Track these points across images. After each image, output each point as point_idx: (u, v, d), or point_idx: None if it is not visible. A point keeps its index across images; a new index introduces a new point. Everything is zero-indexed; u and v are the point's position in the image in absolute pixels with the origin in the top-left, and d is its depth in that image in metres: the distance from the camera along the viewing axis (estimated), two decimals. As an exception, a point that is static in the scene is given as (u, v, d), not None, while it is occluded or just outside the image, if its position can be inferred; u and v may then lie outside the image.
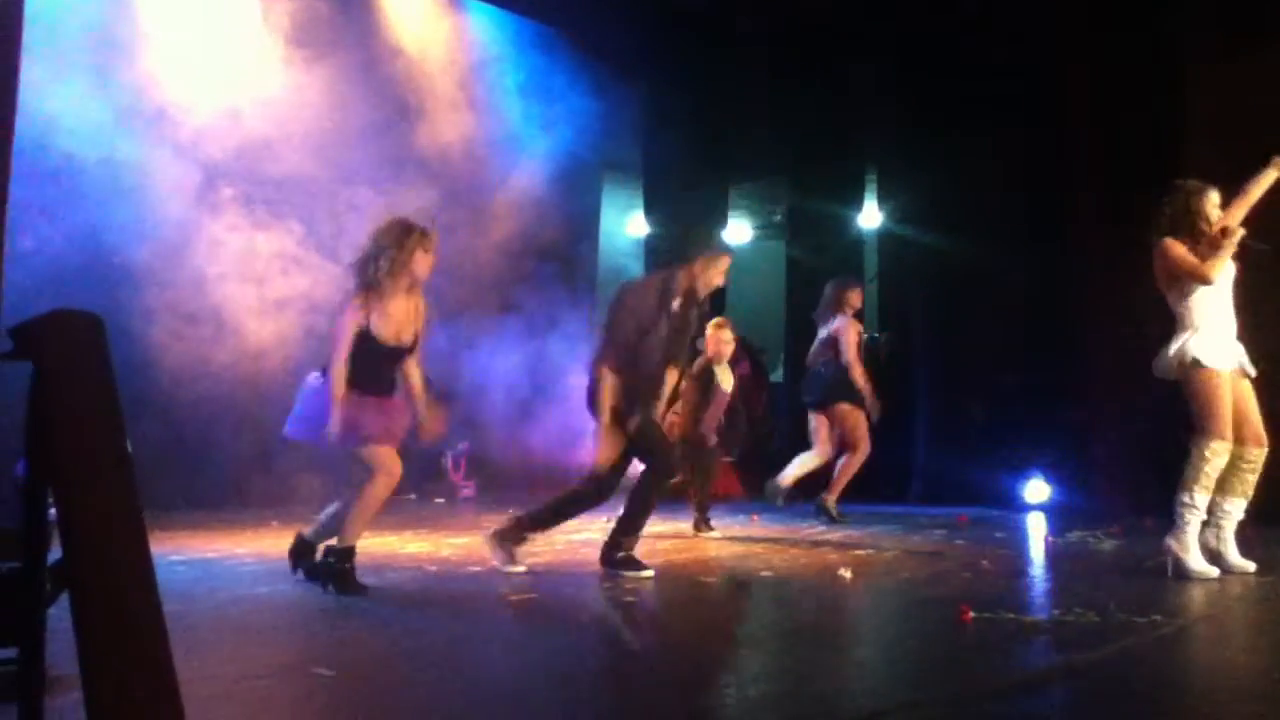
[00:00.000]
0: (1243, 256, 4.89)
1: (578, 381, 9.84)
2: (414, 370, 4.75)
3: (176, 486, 7.14)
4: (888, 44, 9.43)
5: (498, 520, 5.46)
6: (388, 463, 4.57)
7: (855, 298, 7.58)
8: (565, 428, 9.54)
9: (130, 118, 7.14)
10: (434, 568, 5.18)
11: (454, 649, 3.62)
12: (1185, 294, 4.87)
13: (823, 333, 7.55)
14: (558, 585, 4.80)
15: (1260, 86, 7.10)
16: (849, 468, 7.43)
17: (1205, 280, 4.81)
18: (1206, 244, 4.83)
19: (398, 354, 4.70)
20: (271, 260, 7.77)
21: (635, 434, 5.09)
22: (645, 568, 5.01)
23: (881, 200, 10.04)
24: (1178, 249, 4.88)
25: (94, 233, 6.93)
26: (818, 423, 7.49)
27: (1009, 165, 8.67)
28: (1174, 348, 4.86)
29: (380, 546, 6.04)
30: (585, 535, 6.69)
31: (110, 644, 1.39)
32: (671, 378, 5.46)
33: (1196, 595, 4.49)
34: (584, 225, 10.64)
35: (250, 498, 7.77)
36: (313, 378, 4.67)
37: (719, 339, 6.95)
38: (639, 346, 5.10)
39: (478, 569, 5.20)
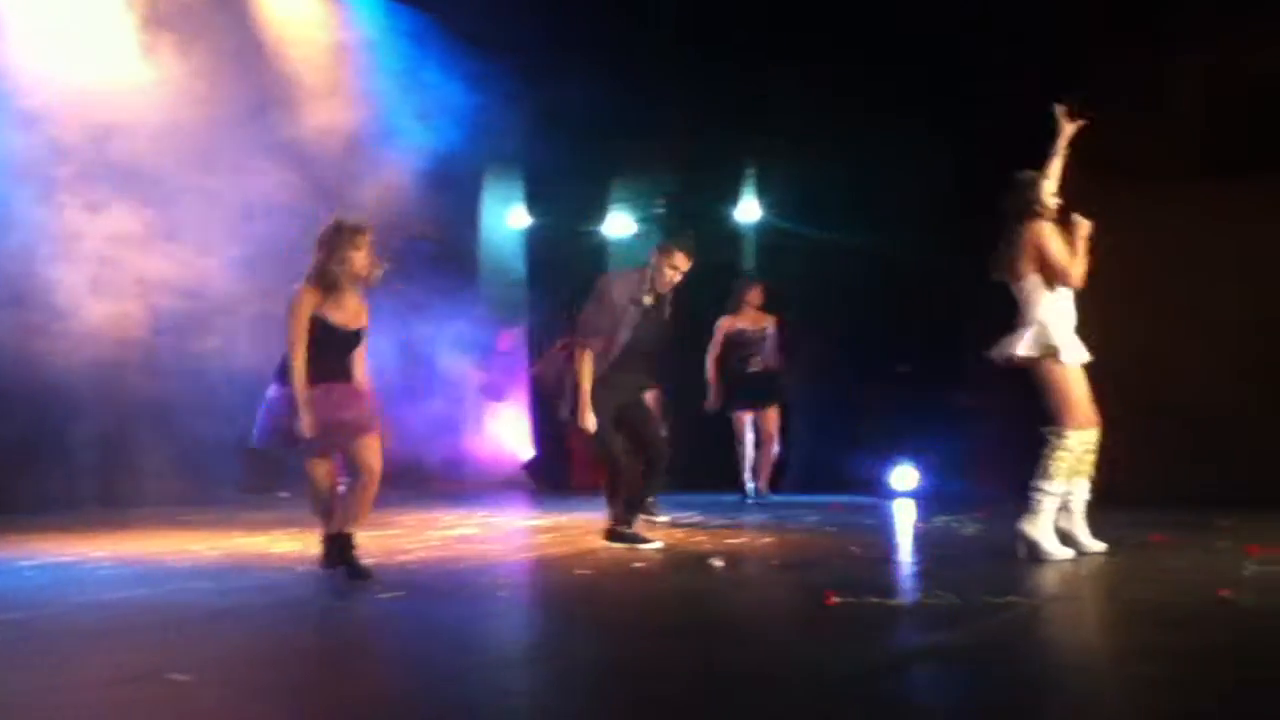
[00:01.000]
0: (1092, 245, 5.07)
1: (454, 371, 9.83)
2: (360, 363, 4.85)
3: (27, 486, 6.83)
4: (770, 39, 9.55)
5: (371, 518, 5.37)
6: (313, 484, 4.74)
7: (754, 295, 8.26)
8: (435, 418, 9.44)
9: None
10: (303, 568, 5.06)
11: (319, 652, 3.55)
12: (1036, 287, 5.03)
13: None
14: (430, 582, 4.75)
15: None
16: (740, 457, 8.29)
17: (1071, 283, 4.98)
18: (1061, 227, 5.01)
19: (353, 339, 4.77)
20: (111, 243, 7.50)
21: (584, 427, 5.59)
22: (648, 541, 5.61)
23: (760, 194, 10.18)
24: (1055, 241, 5.00)
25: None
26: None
27: (890, 158, 8.87)
28: (1027, 336, 5.00)
29: (249, 547, 5.90)
30: (460, 531, 6.65)
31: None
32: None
33: (1051, 577, 4.65)
34: (463, 216, 10.52)
35: (111, 496, 7.49)
36: (272, 389, 4.70)
37: None
38: (611, 338, 5.58)
39: (349, 567, 5.10)
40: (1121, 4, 7.77)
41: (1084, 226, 5.02)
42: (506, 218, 11.18)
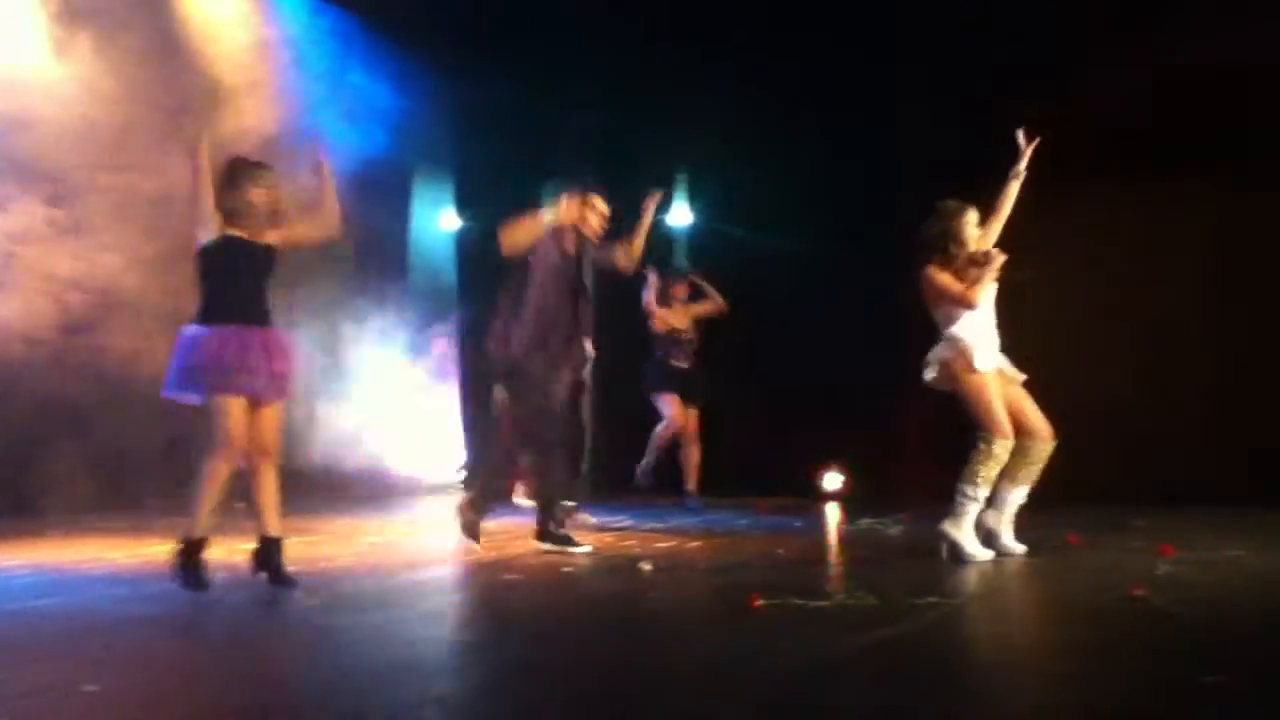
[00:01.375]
0: (1003, 275, 5.19)
1: (383, 374, 9.72)
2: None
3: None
4: (701, 39, 9.60)
5: (297, 525, 5.31)
6: (228, 426, 4.32)
7: (680, 290, 8.28)
8: (362, 422, 9.34)
9: None
10: (222, 574, 4.96)
11: (238, 659, 3.49)
12: (950, 315, 5.16)
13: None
14: (355, 588, 4.70)
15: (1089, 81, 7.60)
16: (661, 436, 8.17)
17: (970, 306, 5.09)
18: (968, 264, 5.12)
19: (268, 259, 4.49)
20: (14, 240, 7.29)
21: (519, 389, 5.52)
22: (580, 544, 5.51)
23: (692, 197, 10.23)
24: (941, 278, 5.14)
25: None
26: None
27: (821, 161, 8.97)
28: (940, 357, 5.14)
29: (168, 553, 5.77)
30: (388, 536, 6.58)
31: None
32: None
33: (971, 577, 4.75)
34: (393, 219, 10.42)
35: (28, 501, 7.27)
36: (191, 329, 4.41)
37: None
38: (535, 292, 5.44)
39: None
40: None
41: (996, 260, 5.12)
42: (437, 219, 11.10)
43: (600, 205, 5.67)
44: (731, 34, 9.26)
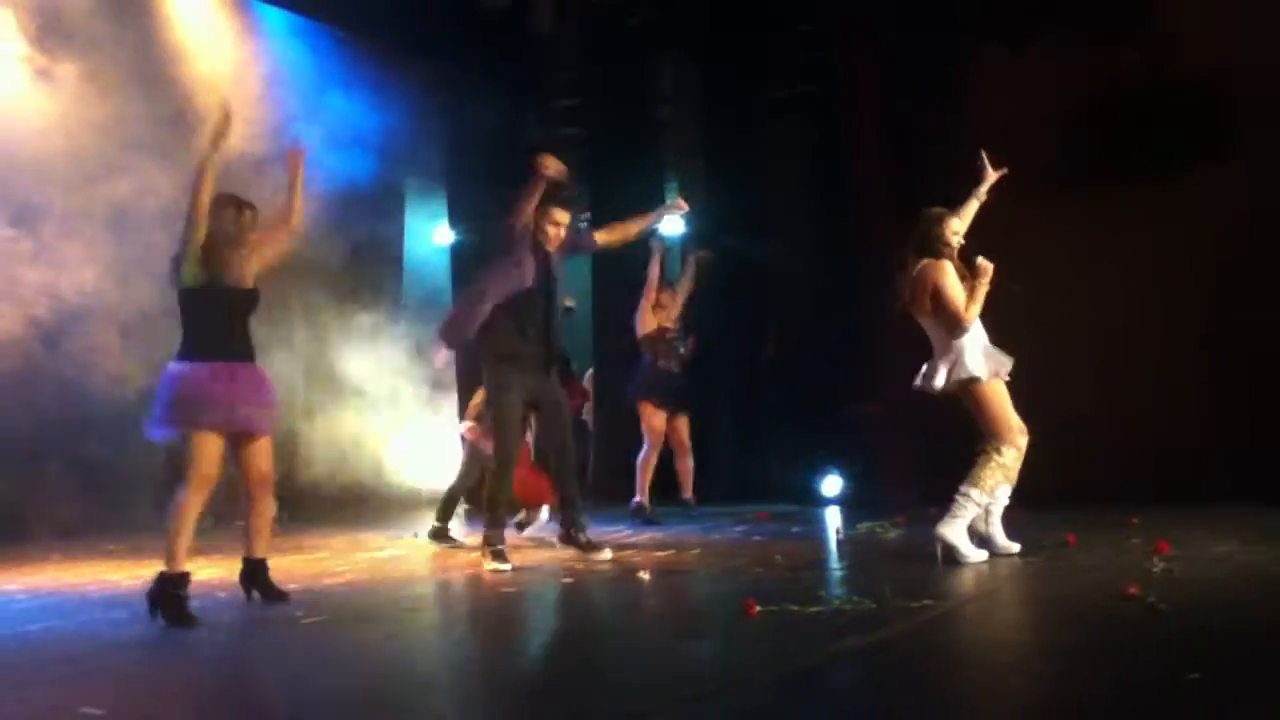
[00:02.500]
0: (995, 286, 5.20)
1: (374, 389, 9.75)
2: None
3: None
4: (687, 48, 9.65)
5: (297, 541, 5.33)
6: (204, 461, 4.36)
7: (665, 298, 8.10)
8: (360, 437, 9.36)
9: None
10: (224, 594, 4.99)
11: (237, 679, 3.52)
12: (939, 324, 5.17)
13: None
14: (356, 605, 4.71)
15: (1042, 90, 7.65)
16: (646, 464, 7.80)
17: (964, 326, 5.07)
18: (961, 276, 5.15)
19: (250, 300, 4.53)
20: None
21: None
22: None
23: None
24: (950, 278, 5.12)
25: None
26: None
27: (804, 168, 9.00)
28: (944, 371, 5.12)
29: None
30: (390, 552, 6.60)
31: None
32: None
33: (967, 579, 4.77)
34: (386, 234, 10.44)
35: (28, 528, 7.28)
36: (173, 366, 4.43)
37: None
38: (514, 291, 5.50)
39: (270, 593, 5.04)
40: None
41: (986, 270, 5.14)
42: (431, 233, 11.12)
43: (560, 218, 5.65)
44: (715, 42, 9.33)
